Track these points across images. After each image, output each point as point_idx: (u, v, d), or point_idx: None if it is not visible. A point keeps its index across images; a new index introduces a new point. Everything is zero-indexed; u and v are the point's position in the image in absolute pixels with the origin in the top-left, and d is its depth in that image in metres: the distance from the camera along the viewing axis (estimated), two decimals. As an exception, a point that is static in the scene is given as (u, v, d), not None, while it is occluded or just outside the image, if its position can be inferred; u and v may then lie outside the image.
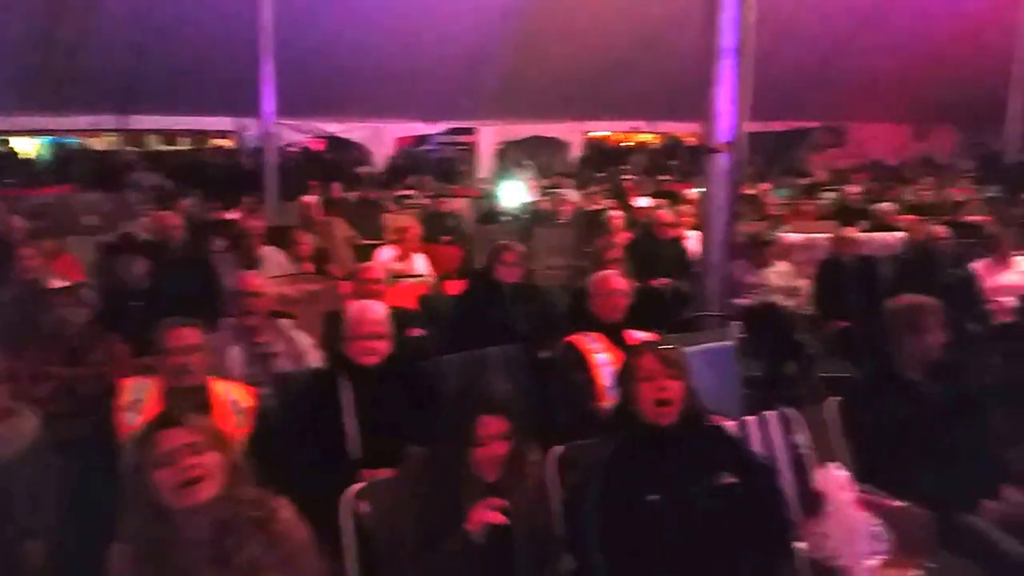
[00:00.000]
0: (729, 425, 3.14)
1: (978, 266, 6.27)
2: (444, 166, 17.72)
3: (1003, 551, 2.87)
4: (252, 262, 6.28)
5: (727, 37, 4.55)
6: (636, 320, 4.10)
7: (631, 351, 2.97)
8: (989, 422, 3.26)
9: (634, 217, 8.71)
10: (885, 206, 8.90)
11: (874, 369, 3.33)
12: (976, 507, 3.01)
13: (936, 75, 19.29)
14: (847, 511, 2.71)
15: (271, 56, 11.21)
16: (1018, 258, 6.43)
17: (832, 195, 11.98)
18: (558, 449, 2.92)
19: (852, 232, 6.89)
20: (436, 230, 8.46)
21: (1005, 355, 5.54)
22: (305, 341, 4.26)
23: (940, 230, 6.57)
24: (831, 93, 19.78)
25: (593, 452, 2.77)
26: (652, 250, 7.08)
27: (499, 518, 2.44)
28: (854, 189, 11.11)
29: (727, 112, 4.59)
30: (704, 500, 2.58)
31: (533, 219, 9.65)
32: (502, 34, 14.42)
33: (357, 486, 2.76)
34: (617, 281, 4.11)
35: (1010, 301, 5.93)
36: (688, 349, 4.11)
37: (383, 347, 3.38)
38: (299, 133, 15.62)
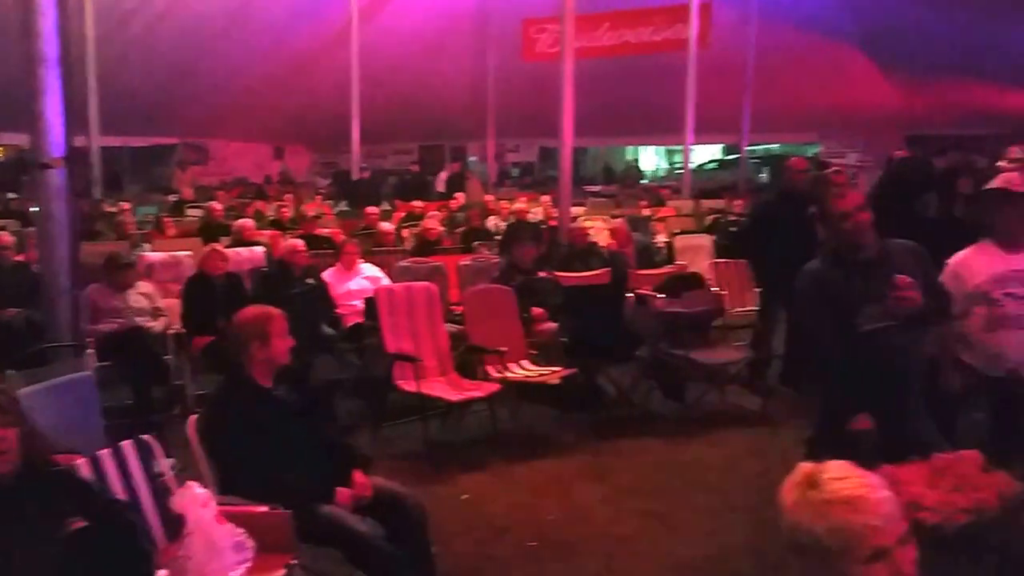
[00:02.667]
0: (82, 463, 2.93)
1: (328, 274, 6.91)
2: None
3: (357, 533, 3.18)
4: None
5: (49, 46, 4.19)
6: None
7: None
8: (334, 416, 3.59)
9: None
10: (246, 222, 9.28)
11: (227, 380, 3.41)
12: (332, 496, 3.27)
13: (290, 97, 20.76)
14: (208, 528, 2.71)
15: None
16: (363, 265, 7.27)
17: (198, 212, 12.03)
18: None
19: (217, 248, 6.99)
20: None
21: (358, 352, 6.24)
22: None
23: (298, 243, 7.07)
24: (193, 110, 19.85)
25: None
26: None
27: None
28: (218, 206, 11.34)
29: (56, 125, 4.24)
30: (51, 548, 2.35)
31: None
32: None
33: None
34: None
35: (358, 304, 6.66)
36: (35, 387, 3.73)
37: None
38: None
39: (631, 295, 7.00)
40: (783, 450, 5.36)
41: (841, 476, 1.64)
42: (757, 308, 7.12)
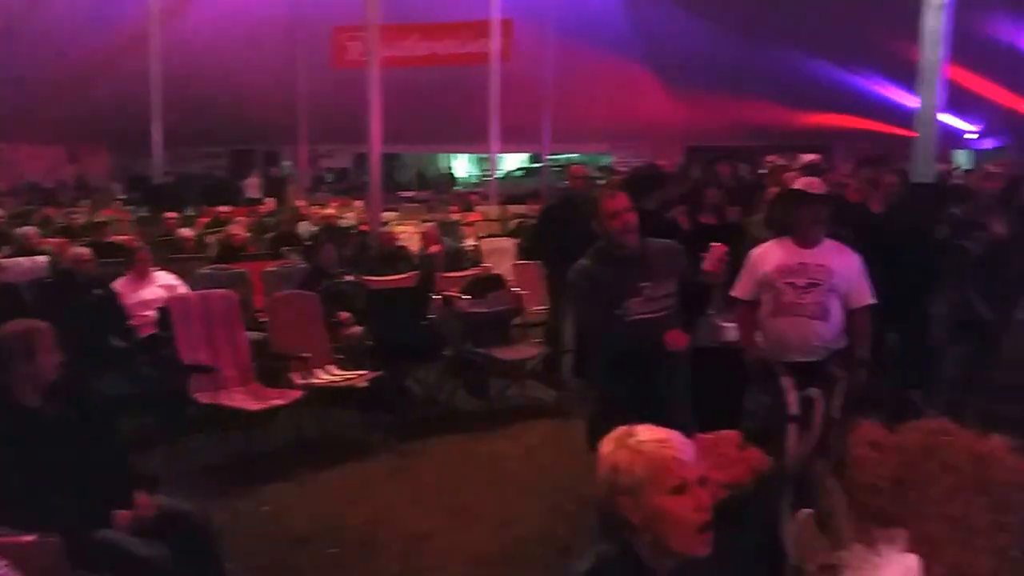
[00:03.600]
0: None
1: (120, 283, 6.39)
2: None
3: (137, 557, 2.93)
4: None
5: None
6: None
7: None
8: (115, 434, 3.31)
9: None
10: (28, 230, 8.46)
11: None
12: (110, 520, 3.01)
13: (84, 98, 19.24)
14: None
15: None
16: (158, 273, 6.79)
17: (-23, 220, 10.84)
18: None
19: (-6, 258, 6.31)
20: None
21: (152, 365, 5.81)
22: None
23: (84, 252, 6.50)
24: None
25: None
26: None
27: None
28: (0, 212, 10.28)
29: None
30: None
31: None
32: None
33: None
34: None
35: (152, 314, 6.21)
36: None
37: None
38: None
39: (438, 297, 7.00)
40: (575, 439, 5.53)
41: (650, 428, 1.86)
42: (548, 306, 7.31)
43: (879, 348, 4.91)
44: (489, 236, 10.90)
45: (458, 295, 7.06)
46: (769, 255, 3.95)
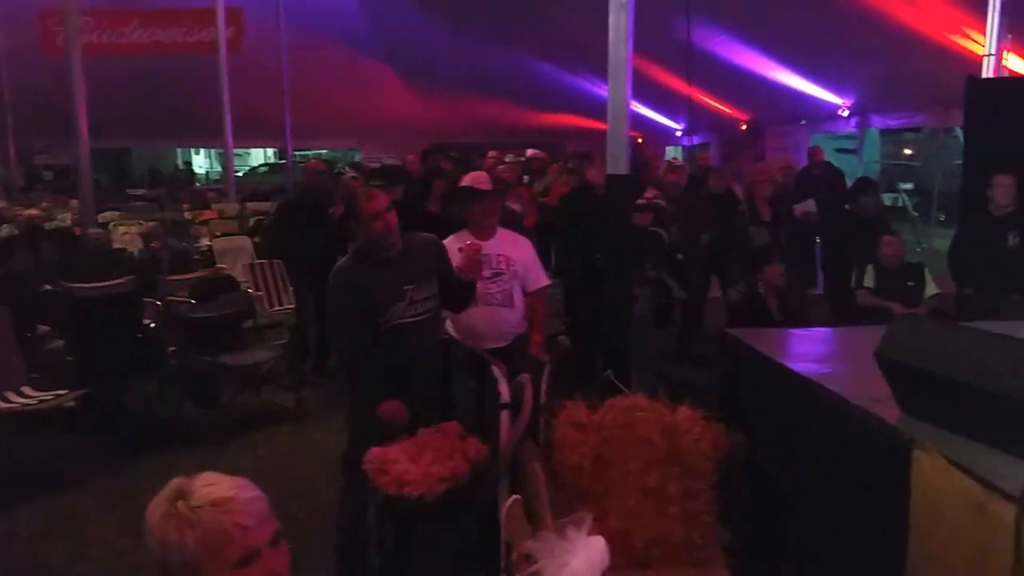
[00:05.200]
0: None
1: None
2: None
3: None
4: None
5: None
6: None
7: None
8: None
9: None
10: None
11: None
12: None
13: None
14: None
15: None
16: None
17: None
18: None
19: None
20: None
21: None
22: None
23: None
24: None
25: None
26: None
27: None
28: None
29: None
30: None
31: None
32: None
33: None
34: None
35: None
36: None
37: None
38: None
39: (159, 302, 6.39)
40: (314, 443, 5.29)
41: (209, 483, 1.51)
42: (293, 305, 6.99)
43: (581, 328, 5.20)
44: (224, 235, 10.21)
45: (184, 299, 6.50)
46: (452, 249, 3.91)
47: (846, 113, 13.25)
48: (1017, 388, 1.91)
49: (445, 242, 4.04)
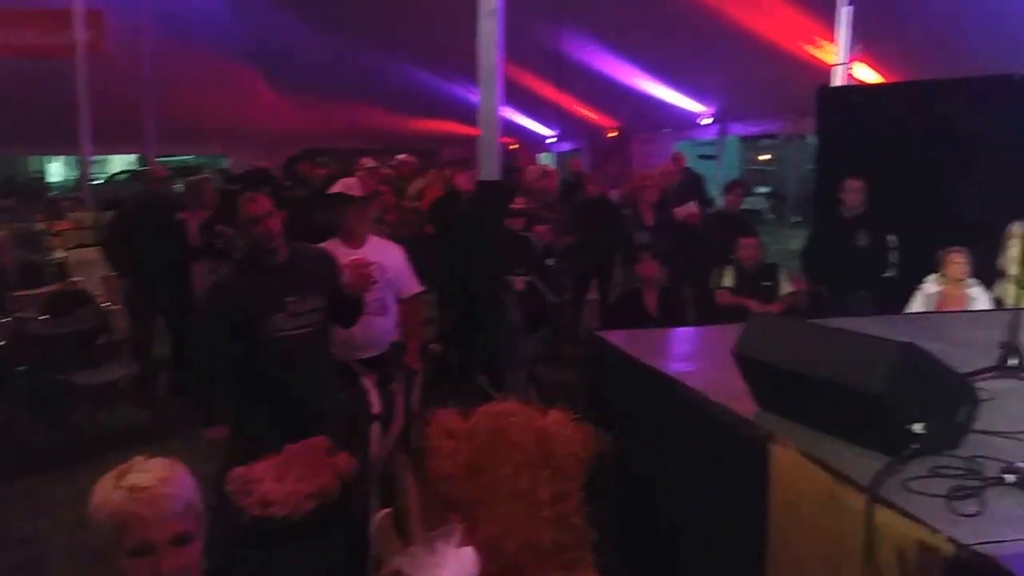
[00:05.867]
0: None
1: None
2: None
3: None
4: None
5: None
6: None
7: None
8: None
9: None
10: None
11: None
12: None
13: None
14: None
15: None
16: None
17: None
18: None
19: None
20: None
21: None
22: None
23: None
24: None
25: None
26: None
27: None
28: None
29: None
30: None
31: None
32: None
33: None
34: None
35: None
36: None
37: None
38: None
39: (7, 318, 5.88)
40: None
41: (145, 469, 1.56)
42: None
43: (453, 334, 5.16)
44: (79, 247, 9.53)
45: (33, 315, 6.01)
46: None
47: (707, 121, 13.80)
48: (862, 381, 1.97)
49: None
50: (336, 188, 4.17)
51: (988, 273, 5.19)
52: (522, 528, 2.85)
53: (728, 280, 5.97)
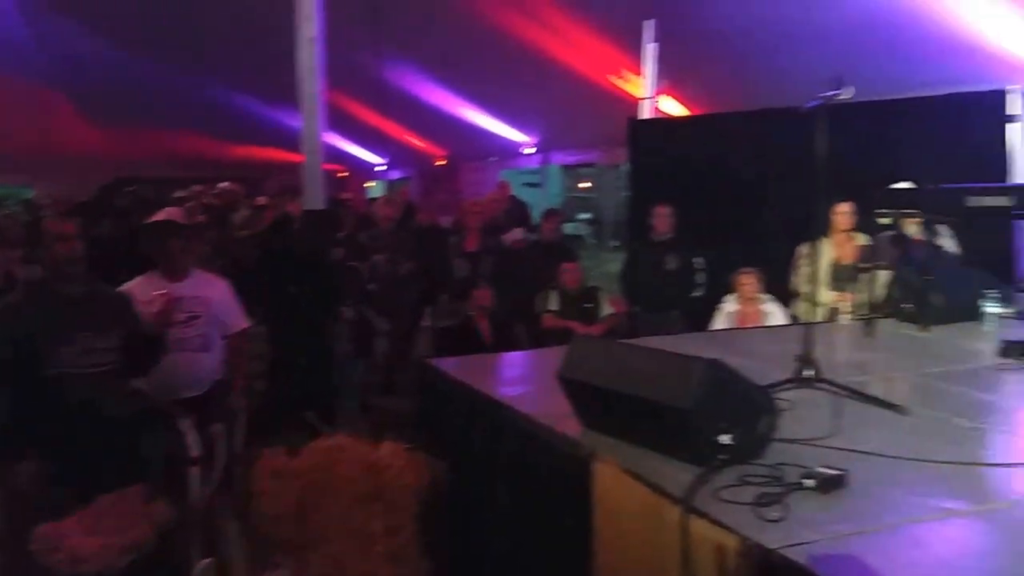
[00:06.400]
0: None
1: None
2: None
3: None
4: None
5: None
6: None
7: None
8: None
9: None
10: None
11: None
12: None
13: None
14: None
15: None
16: None
17: None
18: None
19: None
20: None
21: None
22: None
23: None
24: None
25: None
26: None
27: None
28: None
29: None
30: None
31: None
32: None
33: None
34: None
35: None
36: None
37: None
38: None
39: None
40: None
41: None
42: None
43: (281, 368, 4.95)
44: None
45: None
46: (139, 295, 3.55)
47: (531, 150, 14.18)
48: (672, 397, 2.06)
49: (132, 285, 3.63)
50: (159, 216, 3.92)
51: (787, 291, 5.57)
52: (356, 566, 2.75)
53: (553, 304, 6.13)
